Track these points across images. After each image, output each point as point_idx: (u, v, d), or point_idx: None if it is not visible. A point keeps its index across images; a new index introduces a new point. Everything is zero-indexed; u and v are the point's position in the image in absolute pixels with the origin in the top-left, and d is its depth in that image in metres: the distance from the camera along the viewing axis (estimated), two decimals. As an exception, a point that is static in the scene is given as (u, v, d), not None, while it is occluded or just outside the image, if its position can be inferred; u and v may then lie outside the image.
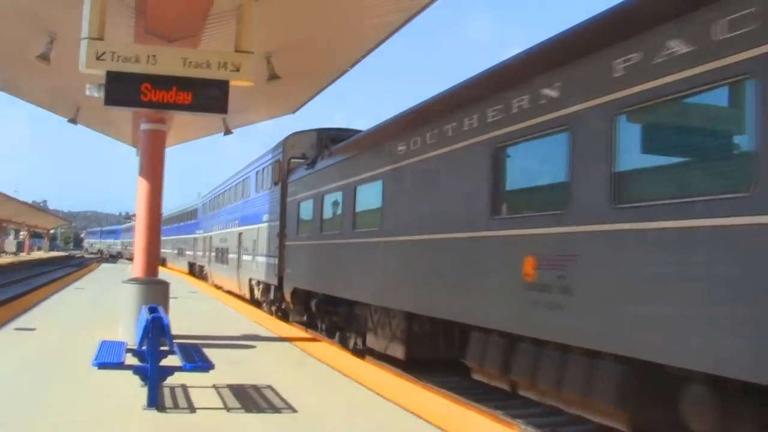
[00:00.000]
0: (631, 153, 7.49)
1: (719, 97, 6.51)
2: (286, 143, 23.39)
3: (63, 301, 23.79)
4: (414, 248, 12.45)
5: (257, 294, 26.54)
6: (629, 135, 7.51)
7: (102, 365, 8.62)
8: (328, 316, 18.48)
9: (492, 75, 10.93)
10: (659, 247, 6.88)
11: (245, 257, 28.73)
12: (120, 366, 8.75)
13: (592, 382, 8.11)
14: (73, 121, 24.27)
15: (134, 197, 15.55)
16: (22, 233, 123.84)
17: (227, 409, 8.93)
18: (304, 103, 25.06)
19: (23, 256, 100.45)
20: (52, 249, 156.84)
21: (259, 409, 8.99)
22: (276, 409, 9.01)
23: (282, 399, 9.56)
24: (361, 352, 16.21)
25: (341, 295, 16.50)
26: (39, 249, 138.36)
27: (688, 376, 6.76)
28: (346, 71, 20.43)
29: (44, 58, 15.64)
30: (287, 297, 21.47)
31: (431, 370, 14.41)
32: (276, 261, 22.69)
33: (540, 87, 8.84)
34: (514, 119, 9.42)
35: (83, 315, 19.40)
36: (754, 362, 5.70)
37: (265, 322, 19.56)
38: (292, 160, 22.84)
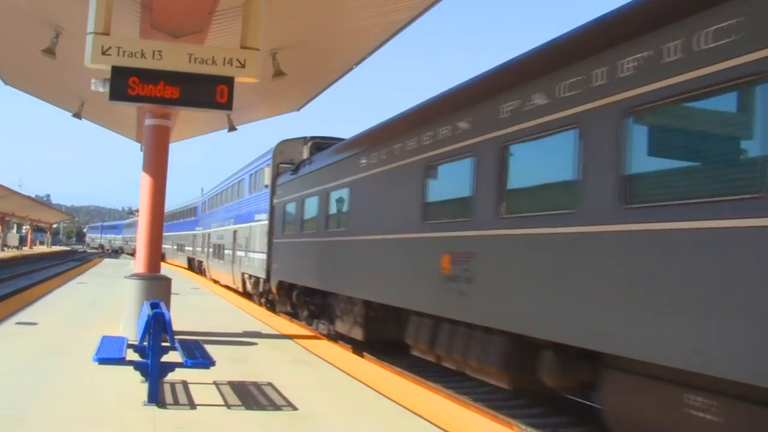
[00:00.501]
0: (515, 176, 9.83)
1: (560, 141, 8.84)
2: (276, 150, 25.85)
3: (65, 296, 23.81)
4: (370, 246, 14.78)
5: (249, 287, 28.82)
6: (515, 161, 9.82)
7: (103, 360, 8.61)
8: (307, 305, 20.62)
9: (424, 108, 13.49)
10: (528, 247, 9.22)
11: (239, 253, 30.88)
12: (121, 361, 8.74)
13: (487, 352, 10.41)
14: (77, 115, 24.29)
15: (138, 192, 15.56)
16: (24, 227, 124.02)
17: (228, 405, 8.92)
18: (309, 101, 25.06)
19: (26, 251, 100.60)
20: (54, 243, 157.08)
21: (260, 406, 8.98)
22: (276, 407, 9.00)
23: (282, 396, 9.55)
24: (356, 347, 16.33)
25: (316, 286, 18.85)
26: (41, 243, 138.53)
27: (543, 344, 9.14)
28: (351, 69, 20.42)
29: (50, 52, 15.66)
30: (273, 289, 23.75)
31: (431, 370, 14.42)
32: (265, 257, 25.07)
33: (456, 121, 11.33)
34: (439, 145, 11.87)
35: (85, 310, 19.41)
36: (575, 330, 8.14)
37: (266, 319, 19.57)
38: (281, 165, 25.24)
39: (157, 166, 15.08)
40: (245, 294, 29.37)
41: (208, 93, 13.08)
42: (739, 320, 5.98)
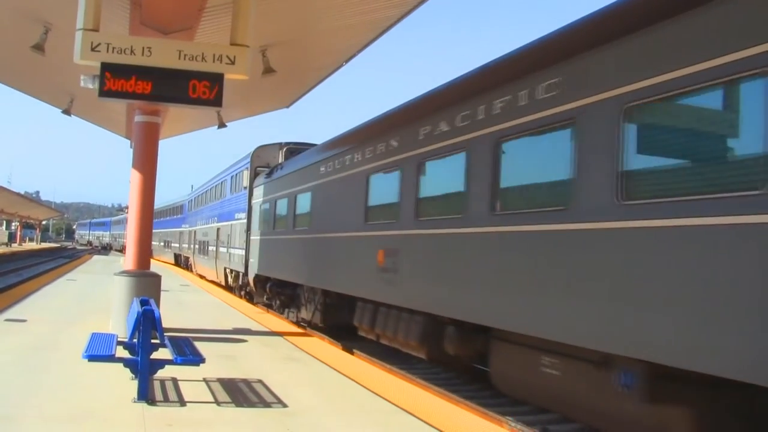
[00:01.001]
0: (427, 188, 12.26)
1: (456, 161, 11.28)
2: (253, 154, 27.96)
3: (54, 293, 23.74)
4: (327, 243, 17.26)
5: (230, 281, 31.17)
6: (427, 175, 12.26)
7: (92, 358, 8.60)
8: (279, 296, 22.99)
9: (365, 128, 16.02)
10: (435, 244, 11.67)
11: (221, 249, 33.15)
12: (110, 359, 8.73)
13: (409, 329, 12.94)
14: (67, 112, 24.21)
15: (127, 189, 15.51)
16: (14, 224, 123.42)
17: (217, 403, 8.93)
18: (299, 98, 25.08)
19: (15, 247, 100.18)
20: (43, 240, 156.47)
21: (250, 404, 8.99)
22: (266, 404, 9.01)
23: (272, 393, 9.57)
24: (346, 345, 16.37)
25: (286, 278, 21.40)
26: (31, 240, 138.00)
27: (449, 321, 11.65)
28: (341, 66, 20.44)
29: (39, 48, 15.60)
30: (251, 282, 26.14)
31: (421, 367, 14.45)
32: (243, 252, 27.37)
33: (390, 139, 13.71)
34: (378, 158, 14.28)
35: (74, 307, 19.35)
36: (469, 310, 10.50)
37: (256, 317, 19.56)
38: (258, 168, 27.48)
39: (146, 162, 15.05)
40: (227, 287, 31.38)
41: (197, 90, 13.06)
42: (568, 298, 8.23)
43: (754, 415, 7.18)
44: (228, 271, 31.47)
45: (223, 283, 32.60)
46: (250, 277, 26.09)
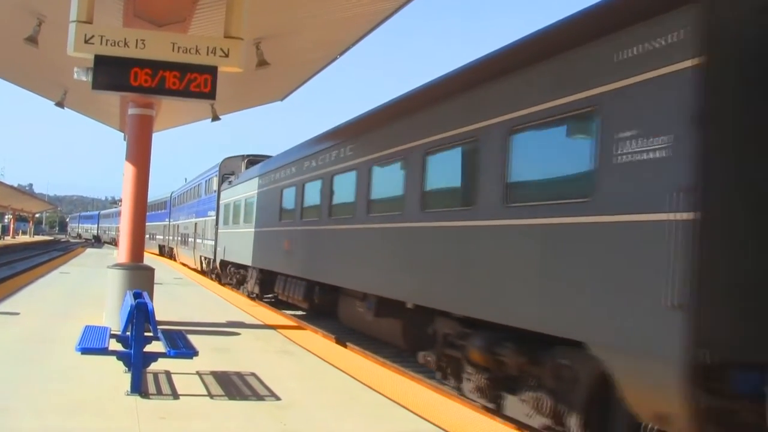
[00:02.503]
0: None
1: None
2: (221, 164, 35.49)
3: (48, 286, 23.69)
4: (259, 234, 24.63)
5: (204, 266, 37.92)
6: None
7: (85, 350, 8.59)
8: (235, 276, 29.90)
9: (299, 148, 21.22)
10: (311, 235, 17.95)
11: (198, 240, 40.08)
12: (103, 351, 8.73)
13: (299, 290, 19.79)
14: (60, 104, 24.13)
15: (121, 181, 15.48)
16: (7, 217, 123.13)
17: (211, 396, 8.94)
18: (293, 90, 25.05)
19: (8, 240, 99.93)
20: (36, 233, 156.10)
21: (243, 397, 9.00)
22: (259, 397, 9.02)
23: (266, 386, 9.58)
24: (340, 338, 16.45)
25: (238, 262, 28.58)
26: (24, 233, 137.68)
27: (317, 284, 18.11)
28: (335, 59, 20.42)
29: (32, 40, 15.53)
30: (218, 266, 33.28)
31: (412, 361, 14.47)
32: (213, 243, 34.39)
33: (311, 161, 18.83)
34: (285, 179, 21.27)
35: (68, 300, 19.33)
36: (326, 275, 16.85)
37: (249, 310, 19.56)
38: (225, 175, 34.32)
39: (140, 155, 15.02)
40: (203, 272, 37.80)
41: (191, 82, 13.03)
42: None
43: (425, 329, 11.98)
44: (203, 258, 38.22)
45: (199, 269, 39.31)
46: (217, 263, 33.20)
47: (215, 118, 22.47)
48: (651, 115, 7.02)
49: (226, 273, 31.76)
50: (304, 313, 22.88)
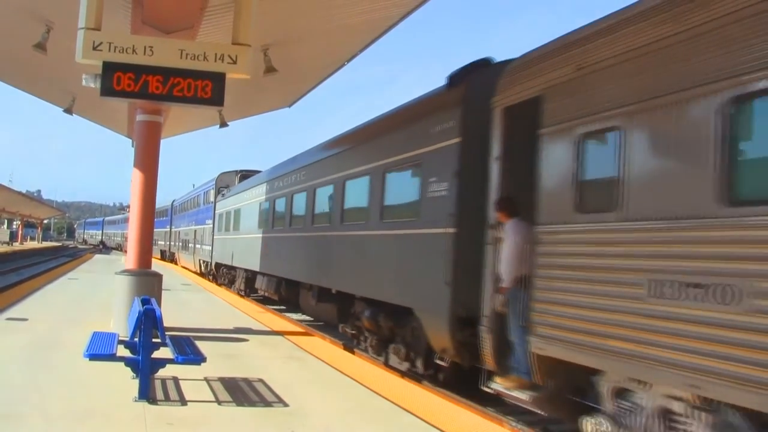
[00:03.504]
0: (275, 212, 24.37)
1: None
2: (218, 178, 40.57)
3: (56, 292, 23.74)
4: (244, 240, 29.40)
5: (203, 269, 42.17)
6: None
7: (93, 356, 8.60)
8: (227, 276, 34.73)
9: (247, 182, 30.85)
10: (279, 241, 23.28)
11: (198, 246, 44.64)
12: (111, 358, 8.74)
13: (271, 285, 24.40)
14: (69, 111, 24.20)
15: (129, 187, 15.50)
16: (15, 223, 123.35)
17: (218, 402, 8.93)
18: (301, 97, 25.08)
19: (16, 246, 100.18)
20: (45, 239, 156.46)
21: (251, 403, 8.99)
22: (267, 403, 9.02)
23: (273, 393, 9.57)
24: (347, 343, 16.44)
25: (229, 264, 33.35)
26: (32, 239, 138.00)
27: (284, 280, 22.99)
28: (342, 65, 20.43)
29: (41, 47, 15.60)
30: (213, 269, 38.24)
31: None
32: (210, 248, 39.07)
33: (251, 189, 28.88)
34: (260, 195, 27.06)
35: (76, 306, 19.37)
36: (286, 271, 22.38)
37: (257, 316, 19.57)
38: (221, 188, 39.31)
39: (148, 162, 15.04)
40: (202, 274, 41.83)
41: (199, 89, 13.05)
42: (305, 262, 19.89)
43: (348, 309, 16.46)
44: (202, 261, 42.84)
45: (198, 271, 43.73)
46: (213, 265, 38.30)
47: (223, 124, 22.50)
48: (441, 169, 11.52)
49: (220, 274, 36.39)
50: (311, 319, 23.07)
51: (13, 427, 7.34)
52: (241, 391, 9.57)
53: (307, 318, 23.01)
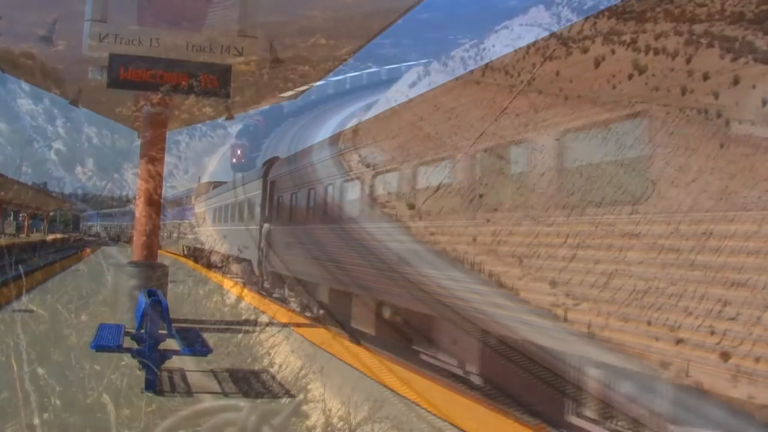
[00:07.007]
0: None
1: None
2: (197, 187, 50.90)
3: (62, 283, 23.73)
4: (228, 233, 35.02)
5: (186, 253, 49.18)
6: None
7: (100, 348, 8.61)
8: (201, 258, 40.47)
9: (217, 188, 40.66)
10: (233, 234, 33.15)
11: (182, 236, 54.13)
12: (118, 349, 8.74)
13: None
14: (74, 103, 24.16)
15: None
16: (21, 215, 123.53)
17: (225, 394, 8.93)
18: (307, 89, 25.00)
19: (22, 238, 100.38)
20: (50, 231, 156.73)
21: (258, 395, 8.97)
22: (274, 395, 9.00)
23: (281, 385, 9.55)
24: (358, 340, 16.45)
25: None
26: (38, 231, 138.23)
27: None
28: (348, 58, 20.35)
29: (47, 40, 15.56)
30: (190, 253, 45.56)
31: (427, 362, 14.41)
32: (192, 237, 47.55)
33: (228, 193, 36.43)
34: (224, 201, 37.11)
35: (82, 297, 19.34)
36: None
37: (265, 308, 19.53)
38: (198, 194, 48.32)
39: (154, 154, 15.02)
40: (185, 256, 48.02)
41: (205, 81, 13.02)
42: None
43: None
44: (185, 247, 50.92)
45: (182, 255, 50.23)
46: (190, 250, 46.10)
47: (229, 116, 22.48)
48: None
49: (195, 257, 43.46)
50: (320, 313, 22.90)
51: (19, 418, 7.33)
52: (248, 383, 9.57)
53: (314, 311, 22.97)
